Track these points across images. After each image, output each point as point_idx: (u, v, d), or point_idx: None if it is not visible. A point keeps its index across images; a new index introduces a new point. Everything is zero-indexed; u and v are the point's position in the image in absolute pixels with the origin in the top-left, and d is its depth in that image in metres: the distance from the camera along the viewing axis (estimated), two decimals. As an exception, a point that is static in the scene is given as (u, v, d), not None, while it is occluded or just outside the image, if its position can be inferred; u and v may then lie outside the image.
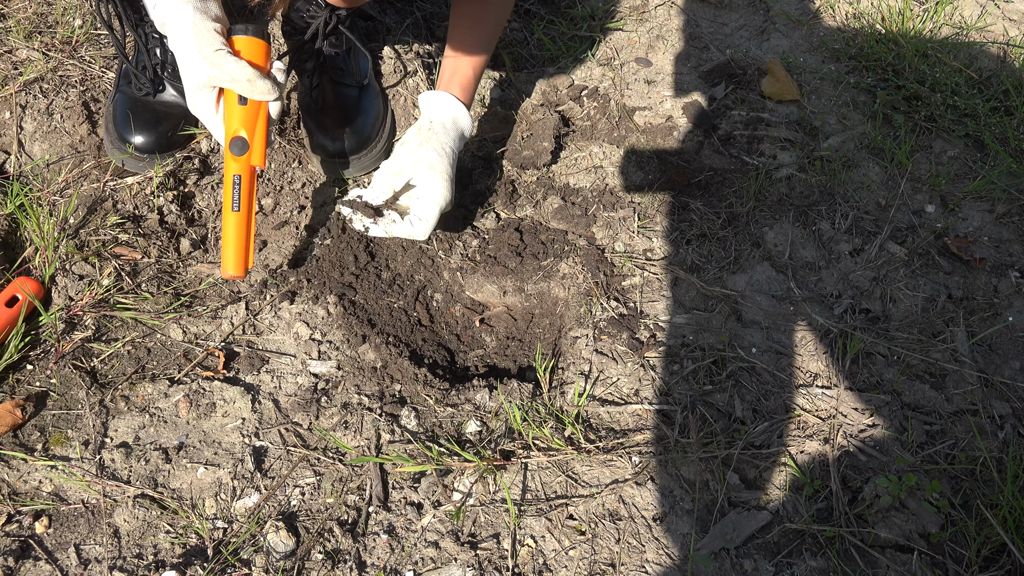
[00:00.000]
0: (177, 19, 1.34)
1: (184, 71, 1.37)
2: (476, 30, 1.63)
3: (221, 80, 1.35)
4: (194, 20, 1.32)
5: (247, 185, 1.42)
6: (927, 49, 2.02)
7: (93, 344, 1.43)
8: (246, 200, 1.43)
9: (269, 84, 1.37)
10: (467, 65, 1.62)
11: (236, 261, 1.43)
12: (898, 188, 1.72)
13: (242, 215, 1.42)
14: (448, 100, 1.59)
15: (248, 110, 1.40)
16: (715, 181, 1.74)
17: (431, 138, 1.55)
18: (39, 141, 1.70)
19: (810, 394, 1.37)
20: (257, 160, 1.43)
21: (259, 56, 1.39)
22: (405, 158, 1.53)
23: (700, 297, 1.51)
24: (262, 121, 1.42)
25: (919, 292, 1.53)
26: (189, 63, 1.35)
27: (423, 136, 1.55)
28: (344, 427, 1.34)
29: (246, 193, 1.42)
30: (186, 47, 1.34)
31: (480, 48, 1.64)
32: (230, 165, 1.42)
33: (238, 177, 1.41)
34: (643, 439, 1.31)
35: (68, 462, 1.28)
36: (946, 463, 1.28)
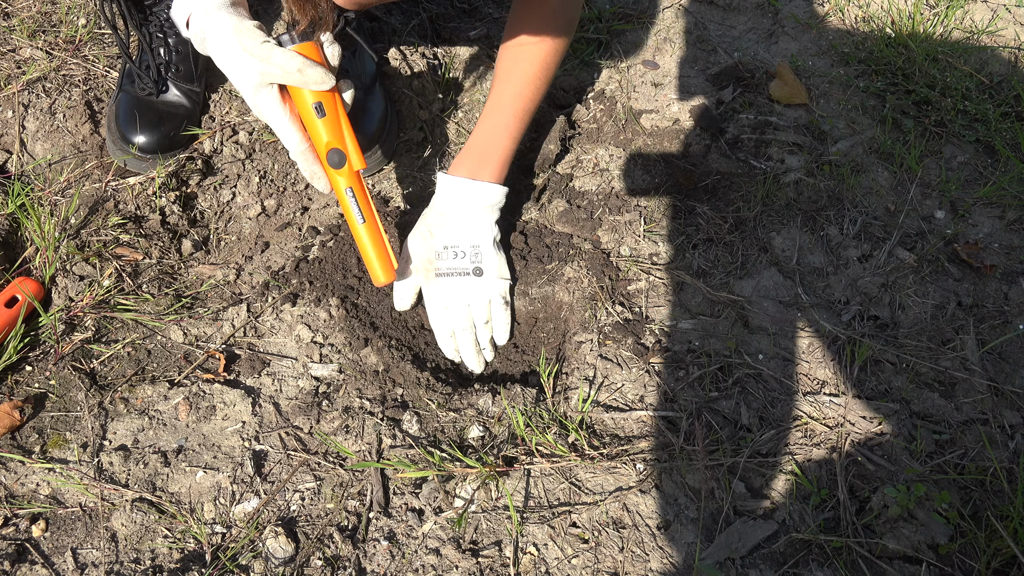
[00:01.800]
0: (216, 26, 1.28)
1: (236, 76, 1.30)
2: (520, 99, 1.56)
3: (273, 74, 1.28)
4: (233, 21, 1.28)
5: (360, 193, 1.40)
6: (937, 53, 2.00)
7: (93, 345, 1.42)
8: (366, 207, 1.40)
9: (322, 71, 1.28)
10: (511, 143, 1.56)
11: (384, 268, 1.42)
12: (907, 193, 1.70)
13: (370, 223, 1.41)
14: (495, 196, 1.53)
15: (330, 119, 1.33)
16: (722, 185, 1.72)
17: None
18: (41, 140, 1.69)
19: (817, 402, 1.35)
20: (358, 164, 1.38)
21: (310, 54, 1.31)
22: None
23: (706, 302, 1.50)
24: (346, 123, 1.36)
25: (928, 299, 1.51)
26: (238, 64, 1.28)
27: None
28: (345, 431, 1.32)
29: (363, 201, 1.40)
30: (232, 50, 1.28)
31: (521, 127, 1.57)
32: (336, 180, 1.38)
33: (351, 189, 1.38)
34: (648, 446, 1.29)
35: (66, 465, 1.26)
36: (955, 473, 1.26)
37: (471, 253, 1.51)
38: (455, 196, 1.51)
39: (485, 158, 1.53)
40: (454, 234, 1.51)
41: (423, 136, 1.81)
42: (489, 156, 1.53)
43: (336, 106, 1.34)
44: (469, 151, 1.54)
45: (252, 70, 1.28)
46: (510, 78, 1.56)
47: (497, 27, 2.06)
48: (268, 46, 1.27)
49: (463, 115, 1.87)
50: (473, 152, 1.54)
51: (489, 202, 1.52)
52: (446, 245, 1.51)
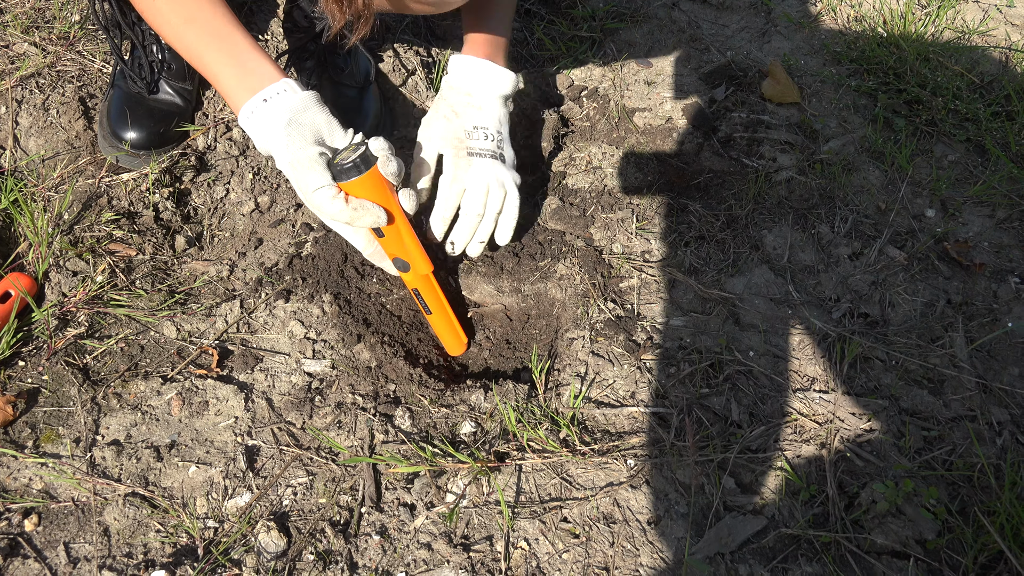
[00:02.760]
0: (276, 150, 1.25)
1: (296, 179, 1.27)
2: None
3: (326, 220, 1.30)
4: (289, 152, 1.23)
5: (426, 291, 1.43)
6: (929, 53, 2.01)
7: (86, 341, 1.42)
8: (433, 302, 1.44)
9: (374, 214, 1.26)
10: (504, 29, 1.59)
11: (455, 344, 1.50)
12: (898, 192, 1.71)
13: (436, 314, 1.45)
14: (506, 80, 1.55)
15: (389, 237, 1.33)
16: (714, 183, 1.73)
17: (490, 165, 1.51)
18: (35, 136, 1.69)
19: (807, 398, 1.36)
20: (424, 269, 1.39)
21: (369, 185, 1.27)
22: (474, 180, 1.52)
23: (698, 300, 1.50)
24: (407, 233, 1.35)
25: (918, 297, 1.52)
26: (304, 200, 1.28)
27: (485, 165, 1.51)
28: (338, 427, 1.33)
29: (430, 298, 1.43)
30: (293, 181, 1.26)
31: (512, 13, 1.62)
32: (405, 279, 1.42)
33: (416, 290, 1.43)
34: (639, 442, 1.30)
35: (59, 459, 1.27)
36: (944, 469, 1.27)
37: (497, 138, 1.51)
38: (479, 78, 1.51)
39: (498, 47, 1.55)
40: (482, 116, 1.51)
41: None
42: (500, 45, 1.56)
43: (397, 220, 1.32)
44: (482, 39, 1.54)
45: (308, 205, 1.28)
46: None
47: (491, 25, 2.06)
48: (319, 195, 1.23)
49: (457, 113, 1.87)
50: (488, 40, 1.54)
51: (507, 90, 1.54)
52: (476, 125, 1.50)
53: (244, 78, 1.26)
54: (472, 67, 1.51)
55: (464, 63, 1.52)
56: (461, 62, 1.53)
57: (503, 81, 1.53)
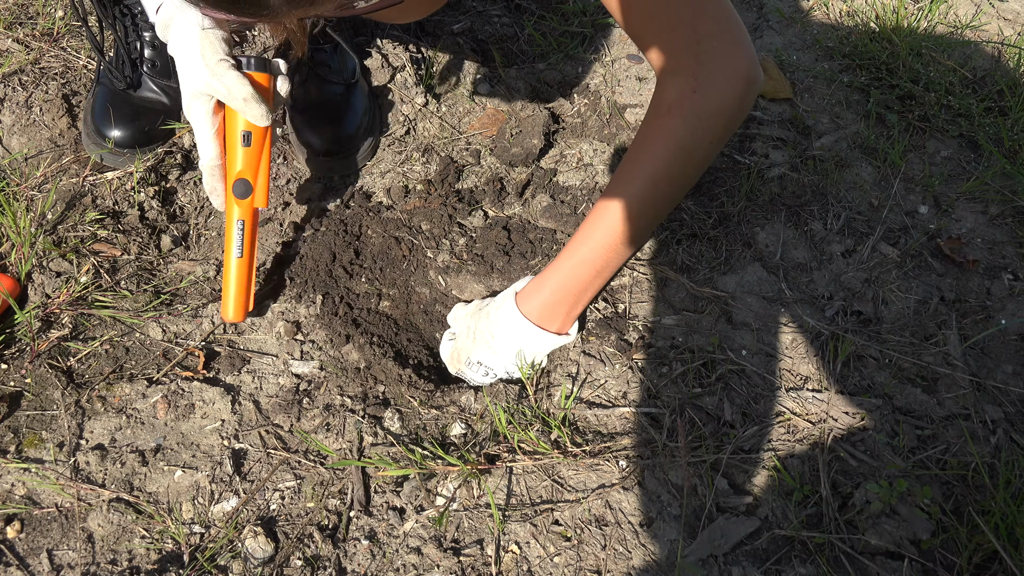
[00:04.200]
0: (184, 22, 1.27)
1: (183, 77, 1.31)
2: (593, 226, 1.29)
3: (218, 92, 1.28)
4: (203, 25, 1.26)
5: (250, 229, 1.40)
6: (921, 48, 2.00)
7: (70, 343, 1.40)
8: (248, 244, 1.40)
9: (263, 109, 1.29)
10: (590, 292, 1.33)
11: (238, 307, 1.41)
12: (891, 188, 1.70)
13: (244, 259, 1.40)
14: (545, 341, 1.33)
15: (252, 151, 1.35)
16: (706, 180, 1.72)
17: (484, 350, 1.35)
18: (17, 135, 1.67)
19: (800, 397, 1.34)
20: (261, 202, 1.39)
21: (262, 90, 1.32)
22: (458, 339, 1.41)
23: (690, 298, 1.49)
24: (265, 161, 1.38)
25: (911, 294, 1.51)
26: (190, 68, 1.28)
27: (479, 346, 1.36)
28: (326, 429, 1.31)
29: (249, 237, 1.40)
30: (189, 52, 1.27)
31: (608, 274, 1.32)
32: (232, 209, 1.38)
33: (242, 222, 1.38)
34: (631, 443, 1.28)
35: (42, 464, 1.25)
36: (937, 468, 1.26)
37: (503, 376, 1.39)
38: (513, 333, 1.32)
39: (566, 302, 1.31)
40: (494, 360, 1.35)
41: (406, 130, 1.79)
42: (572, 301, 1.32)
43: (264, 141, 1.36)
44: (553, 287, 1.31)
45: (200, 79, 1.28)
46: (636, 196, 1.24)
47: (480, 20, 2.04)
48: (224, 64, 1.26)
49: (446, 110, 1.85)
50: (557, 290, 1.31)
51: (544, 350, 1.35)
52: (480, 362, 1.36)
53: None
54: (510, 323, 1.32)
55: (506, 314, 1.32)
56: (505, 310, 1.33)
57: (539, 345, 1.33)
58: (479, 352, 1.36)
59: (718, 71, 1.13)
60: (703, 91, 1.13)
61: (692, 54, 1.13)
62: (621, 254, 1.29)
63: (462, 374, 1.41)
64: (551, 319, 1.32)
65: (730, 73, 1.14)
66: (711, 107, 1.15)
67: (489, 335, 1.34)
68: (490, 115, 1.85)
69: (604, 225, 1.26)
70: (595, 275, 1.30)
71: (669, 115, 1.16)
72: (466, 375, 1.40)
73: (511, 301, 1.34)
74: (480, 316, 1.38)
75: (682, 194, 1.29)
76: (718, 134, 1.19)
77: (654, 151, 1.19)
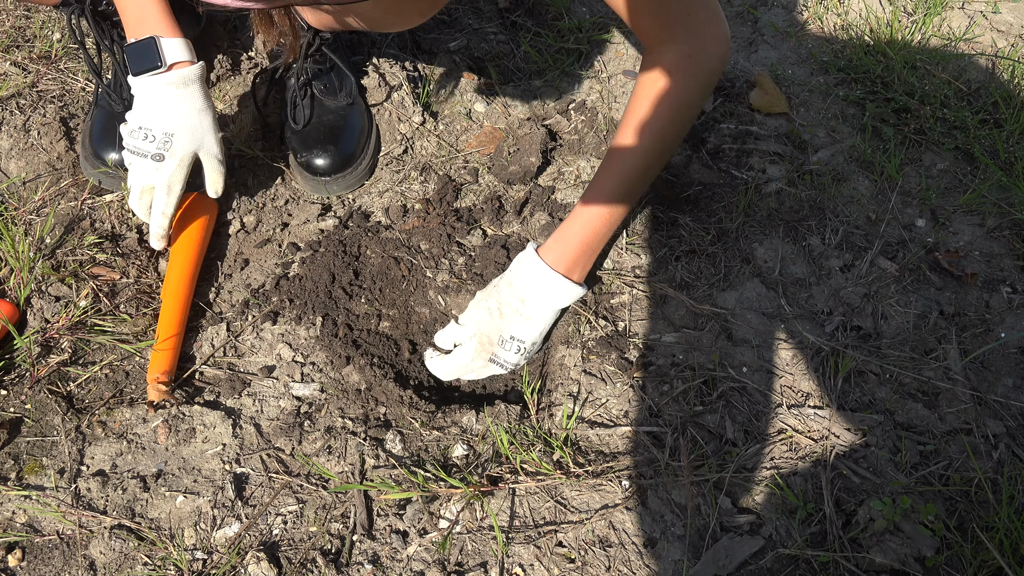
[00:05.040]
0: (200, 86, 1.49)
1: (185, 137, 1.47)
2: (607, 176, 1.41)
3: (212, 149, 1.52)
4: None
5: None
6: (916, 61, 2.00)
7: (69, 368, 1.39)
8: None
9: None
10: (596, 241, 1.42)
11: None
12: (888, 202, 1.70)
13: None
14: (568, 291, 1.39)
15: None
16: (704, 196, 1.72)
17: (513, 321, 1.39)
18: (15, 158, 1.67)
19: (802, 414, 1.34)
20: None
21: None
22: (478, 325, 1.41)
23: (690, 315, 1.49)
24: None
25: (910, 308, 1.51)
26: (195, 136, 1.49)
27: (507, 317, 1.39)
28: (328, 452, 1.31)
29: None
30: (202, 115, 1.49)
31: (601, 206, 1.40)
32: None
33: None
34: (633, 462, 1.28)
35: (43, 491, 1.24)
36: (940, 484, 1.26)
37: (528, 351, 1.42)
38: (542, 288, 1.38)
39: (585, 253, 1.41)
40: (525, 328, 1.39)
41: (403, 149, 1.80)
42: (590, 252, 1.42)
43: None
44: (572, 238, 1.39)
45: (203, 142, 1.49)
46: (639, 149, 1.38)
47: (476, 38, 2.05)
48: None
49: (443, 128, 1.86)
50: (576, 240, 1.39)
51: (569, 302, 1.42)
52: (513, 336, 1.39)
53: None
54: (540, 277, 1.38)
55: (532, 270, 1.39)
56: (533, 266, 1.39)
57: (567, 297, 1.40)
58: (510, 326, 1.38)
59: (708, 38, 1.32)
60: (697, 56, 1.31)
61: (685, 26, 1.30)
62: (630, 206, 1.43)
63: (496, 359, 1.40)
64: (574, 269, 1.40)
65: (716, 39, 1.33)
66: (704, 68, 1.33)
67: (519, 301, 1.38)
68: (487, 133, 1.85)
69: (617, 178, 1.39)
70: (609, 227, 1.42)
71: (670, 77, 1.31)
72: (500, 359, 1.40)
73: (533, 259, 1.38)
74: (500, 288, 1.41)
75: (678, 146, 1.43)
76: (708, 91, 1.38)
77: (659, 109, 1.33)
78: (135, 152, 1.45)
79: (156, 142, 1.44)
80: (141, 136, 1.44)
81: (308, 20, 1.63)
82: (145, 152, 1.44)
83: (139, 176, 1.46)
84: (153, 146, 1.44)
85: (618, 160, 1.39)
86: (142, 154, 1.45)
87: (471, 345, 1.40)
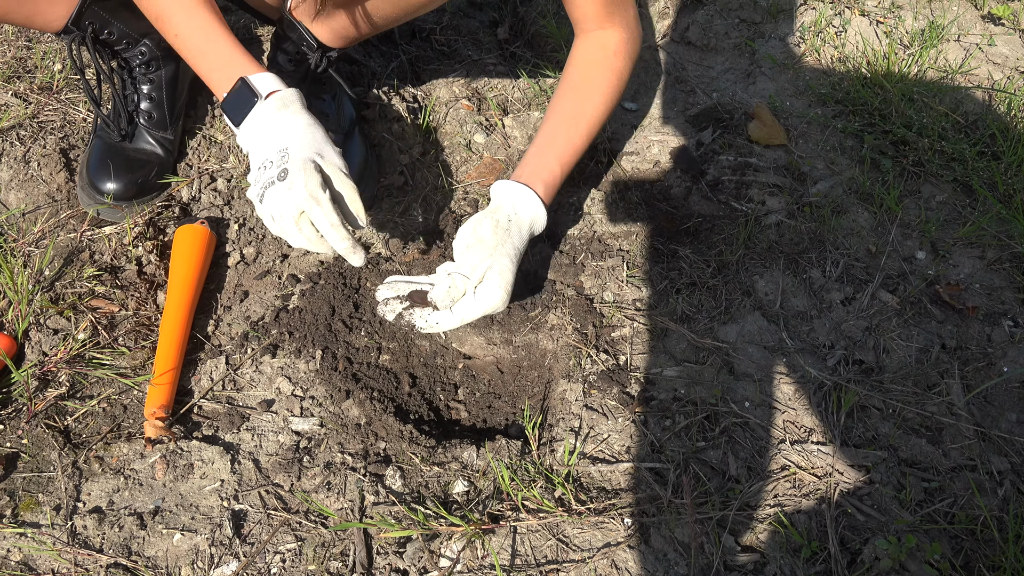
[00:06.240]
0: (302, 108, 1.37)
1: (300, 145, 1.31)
2: (573, 122, 1.57)
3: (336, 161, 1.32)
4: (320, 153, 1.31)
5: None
6: (913, 93, 2.02)
7: (67, 402, 1.38)
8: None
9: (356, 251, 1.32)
10: (556, 165, 1.53)
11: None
12: (888, 234, 1.71)
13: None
14: (531, 199, 1.47)
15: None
16: (704, 228, 1.72)
17: (507, 240, 1.42)
18: (15, 190, 1.67)
19: (805, 450, 1.34)
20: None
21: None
22: (478, 263, 1.40)
23: (691, 349, 1.49)
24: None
25: (912, 342, 1.50)
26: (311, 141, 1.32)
27: (500, 237, 1.42)
28: (327, 488, 1.29)
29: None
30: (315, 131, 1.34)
31: (571, 153, 1.55)
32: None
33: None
34: (635, 499, 1.27)
35: (38, 529, 1.23)
36: (946, 522, 1.25)
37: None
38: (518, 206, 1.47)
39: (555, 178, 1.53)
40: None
41: (403, 180, 1.80)
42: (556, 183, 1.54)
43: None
44: (547, 162, 1.53)
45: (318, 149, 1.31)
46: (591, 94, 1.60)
47: (476, 69, 2.06)
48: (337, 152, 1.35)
49: (443, 159, 1.86)
50: (551, 165, 1.52)
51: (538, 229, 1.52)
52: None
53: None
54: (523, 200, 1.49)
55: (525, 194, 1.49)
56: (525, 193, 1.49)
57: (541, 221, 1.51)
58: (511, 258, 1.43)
59: (636, 26, 1.60)
60: (633, 40, 1.59)
61: (622, 16, 1.56)
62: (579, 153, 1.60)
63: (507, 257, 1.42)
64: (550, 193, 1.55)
65: (638, 26, 1.61)
66: (635, 50, 1.61)
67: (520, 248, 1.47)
68: (487, 164, 1.85)
69: (581, 128, 1.57)
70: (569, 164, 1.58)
71: (616, 57, 1.57)
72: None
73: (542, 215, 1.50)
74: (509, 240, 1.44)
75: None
76: (634, 67, 1.64)
77: (609, 82, 1.58)
78: (264, 186, 1.27)
79: (275, 164, 1.28)
80: (261, 170, 1.30)
81: (319, 35, 1.62)
82: (270, 179, 1.27)
83: (279, 207, 1.25)
84: (275, 168, 1.27)
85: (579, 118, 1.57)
86: (269, 183, 1.27)
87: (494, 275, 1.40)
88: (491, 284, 1.38)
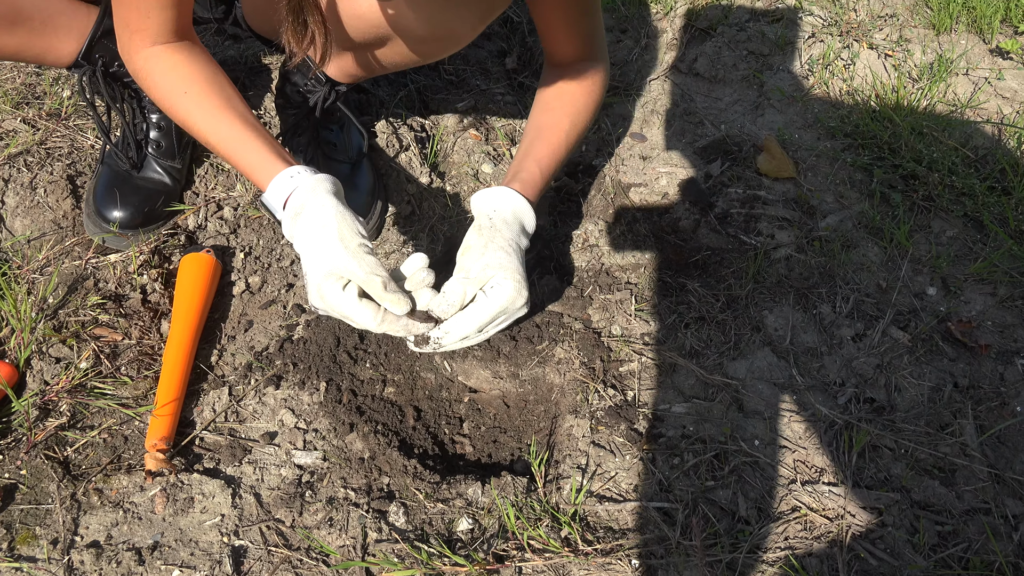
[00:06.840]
0: (320, 207, 1.25)
1: (313, 260, 1.24)
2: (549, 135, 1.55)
3: (354, 274, 1.21)
4: (339, 209, 1.26)
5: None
6: (922, 127, 2.01)
7: (67, 432, 1.36)
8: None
9: (401, 295, 1.23)
10: (533, 165, 1.50)
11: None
12: (899, 270, 1.69)
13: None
14: (506, 193, 1.41)
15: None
16: (713, 261, 1.71)
17: (495, 236, 1.36)
18: (21, 216, 1.66)
19: (816, 491, 1.31)
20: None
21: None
22: (472, 265, 1.33)
23: (700, 385, 1.47)
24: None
25: (924, 381, 1.48)
26: (324, 250, 1.23)
27: (487, 236, 1.35)
28: (329, 524, 1.27)
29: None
30: (324, 235, 1.23)
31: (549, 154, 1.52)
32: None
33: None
34: (643, 540, 1.25)
35: (34, 563, 1.20)
36: (960, 567, 1.23)
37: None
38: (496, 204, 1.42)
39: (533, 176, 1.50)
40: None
41: (411, 210, 1.79)
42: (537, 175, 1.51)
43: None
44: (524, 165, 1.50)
45: (335, 259, 1.22)
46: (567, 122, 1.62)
47: (484, 99, 2.06)
48: (363, 248, 1.23)
49: (451, 188, 1.85)
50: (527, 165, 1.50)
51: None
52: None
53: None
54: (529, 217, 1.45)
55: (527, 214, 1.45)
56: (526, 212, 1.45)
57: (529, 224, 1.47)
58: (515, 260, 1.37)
59: (606, 59, 1.65)
60: (605, 70, 1.65)
61: (598, 48, 1.62)
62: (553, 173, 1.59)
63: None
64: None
65: (607, 59, 1.66)
66: (607, 79, 1.66)
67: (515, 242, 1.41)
68: (495, 194, 1.84)
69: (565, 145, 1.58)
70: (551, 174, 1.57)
71: (594, 84, 1.62)
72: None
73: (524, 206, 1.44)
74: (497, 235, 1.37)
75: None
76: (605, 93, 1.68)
77: (588, 105, 1.62)
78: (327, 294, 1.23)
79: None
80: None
81: (329, 71, 1.62)
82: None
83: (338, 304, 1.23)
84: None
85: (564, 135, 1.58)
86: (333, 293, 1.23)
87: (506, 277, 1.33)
88: (498, 279, 1.30)
